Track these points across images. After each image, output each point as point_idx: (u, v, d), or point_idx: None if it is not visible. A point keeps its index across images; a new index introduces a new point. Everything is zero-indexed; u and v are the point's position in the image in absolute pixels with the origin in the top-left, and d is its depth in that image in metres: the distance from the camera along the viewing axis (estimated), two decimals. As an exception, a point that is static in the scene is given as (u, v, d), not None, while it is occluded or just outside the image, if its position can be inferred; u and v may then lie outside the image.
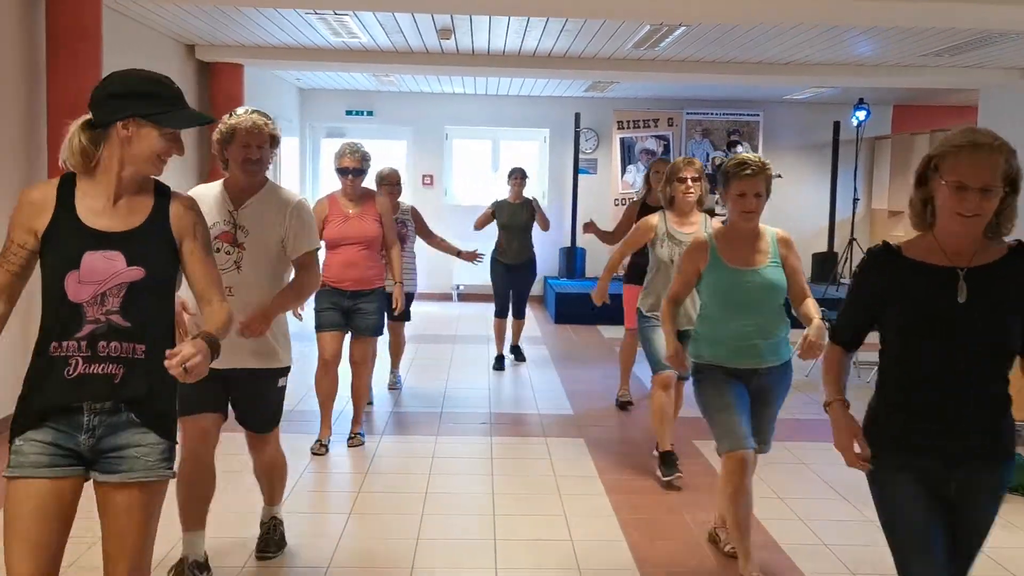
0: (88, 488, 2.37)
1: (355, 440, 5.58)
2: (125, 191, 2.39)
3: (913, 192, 2.43)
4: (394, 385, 7.23)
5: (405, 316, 6.93)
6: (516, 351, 8.53)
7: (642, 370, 7.32)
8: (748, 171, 3.58)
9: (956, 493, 2.42)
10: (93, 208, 2.35)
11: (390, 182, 6.72)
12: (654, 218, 5.16)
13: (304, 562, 3.90)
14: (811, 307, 3.68)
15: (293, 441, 5.61)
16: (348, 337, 5.52)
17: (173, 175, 8.00)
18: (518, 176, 8.14)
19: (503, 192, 8.30)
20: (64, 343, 2.30)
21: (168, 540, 3.66)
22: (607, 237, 7.08)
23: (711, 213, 5.37)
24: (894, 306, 2.42)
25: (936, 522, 2.41)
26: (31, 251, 2.35)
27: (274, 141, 3.59)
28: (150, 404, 2.35)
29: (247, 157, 3.49)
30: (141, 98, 2.33)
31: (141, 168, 2.37)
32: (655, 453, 5.17)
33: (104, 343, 2.29)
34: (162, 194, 2.46)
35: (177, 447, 2.48)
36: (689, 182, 5.02)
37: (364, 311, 5.39)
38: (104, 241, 2.32)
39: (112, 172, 2.36)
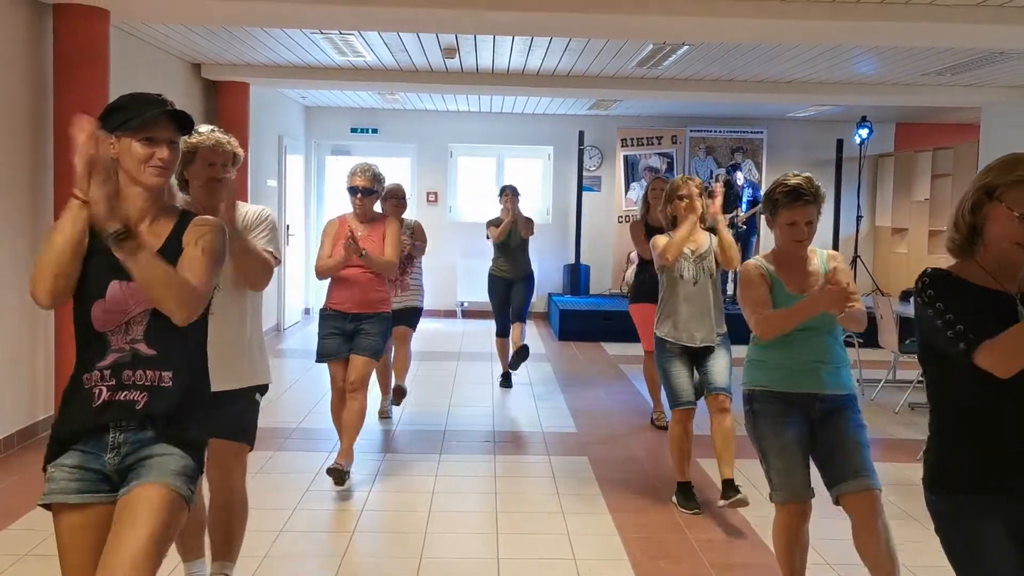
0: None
1: (336, 474, 5.01)
2: (143, 216, 2.39)
3: (962, 217, 2.36)
4: (402, 394, 6.97)
5: (412, 323, 6.90)
6: (520, 352, 8.30)
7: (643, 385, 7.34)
8: (801, 202, 3.36)
9: None
10: None
11: (395, 196, 6.70)
12: (661, 238, 5.04)
13: (307, 581, 3.91)
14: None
15: (295, 460, 5.64)
16: None
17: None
18: (509, 193, 8.03)
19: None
20: (89, 375, 2.33)
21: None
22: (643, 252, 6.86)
23: (712, 231, 5.36)
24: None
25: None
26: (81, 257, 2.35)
27: (235, 159, 3.38)
28: (175, 427, 2.36)
29: (212, 176, 3.27)
30: (115, 112, 2.37)
31: (139, 180, 2.34)
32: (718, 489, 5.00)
33: (129, 372, 2.32)
34: (184, 218, 2.47)
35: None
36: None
37: (365, 331, 5.20)
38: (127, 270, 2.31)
39: (125, 195, 2.37)
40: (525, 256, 8.11)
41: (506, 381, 8.17)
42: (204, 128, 3.34)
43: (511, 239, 8.01)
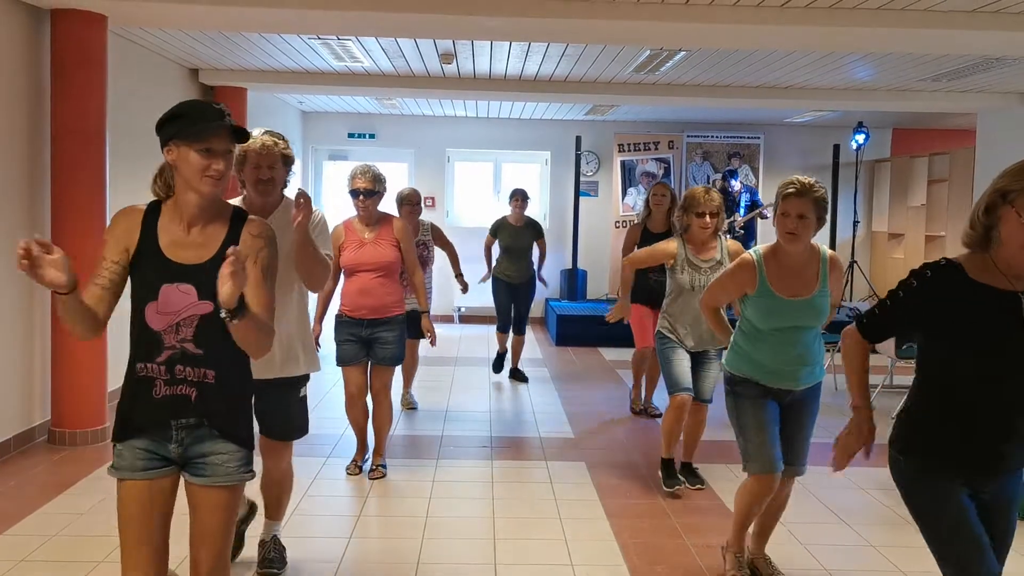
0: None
1: (377, 472, 5.45)
2: (198, 219, 2.53)
3: (978, 217, 2.48)
4: (410, 404, 7.28)
5: (420, 334, 6.97)
6: (517, 373, 8.57)
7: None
8: (790, 190, 3.55)
9: (991, 496, 2.53)
10: (172, 237, 2.52)
11: (410, 202, 6.76)
12: (673, 244, 5.13)
13: (304, 587, 3.91)
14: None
15: (296, 464, 5.61)
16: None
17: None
18: (519, 198, 8.21)
19: (503, 213, 8.38)
20: (148, 365, 2.50)
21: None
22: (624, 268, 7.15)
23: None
24: (953, 325, 2.45)
25: (983, 528, 2.51)
26: (122, 267, 2.54)
27: (287, 160, 3.67)
28: (227, 421, 2.57)
29: (259, 178, 3.58)
30: (175, 120, 2.47)
31: (194, 188, 2.47)
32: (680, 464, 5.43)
33: (180, 367, 2.50)
34: (236, 222, 2.58)
35: None
36: (707, 219, 4.99)
37: (383, 340, 5.22)
38: (179, 274, 2.48)
39: (180, 199, 2.52)
40: (529, 261, 8.30)
41: (499, 363, 8.43)
42: (257, 132, 3.68)
43: (515, 242, 8.15)
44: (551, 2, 5.89)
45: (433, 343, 5.68)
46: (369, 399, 5.44)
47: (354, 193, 5.16)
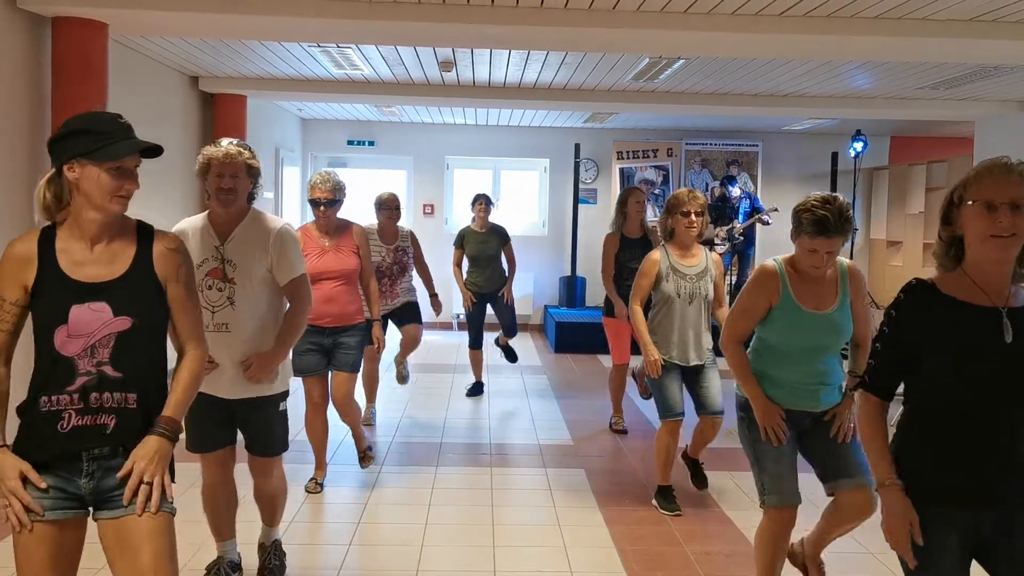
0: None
1: (366, 458, 5.52)
2: (101, 236, 2.38)
3: (939, 233, 2.38)
4: (368, 421, 6.90)
5: (416, 317, 6.96)
6: (508, 351, 8.48)
7: (636, 394, 7.36)
8: (823, 236, 3.24)
9: (991, 531, 2.34)
10: (74, 258, 2.35)
11: (389, 206, 6.68)
12: (655, 254, 5.06)
13: (304, 593, 3.91)
14: (862, 362, 3.46)
15: (290, 472, 5.62)
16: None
17: (165, 212, 8.10)
18: (483, 202, 7.94)
19: (503, 221, 8.22)
20: (56, 397, 2.32)
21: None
22: (606, 282, 6.96)
23: (709, 244, 5.38)
24: (936, 346, 2.32)
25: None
26: (23, 307, 2.38)
27: (251, 171, 3.56)
28: None
29: (220, 187, 3.47)
30: (79, 136, 2.31)
31: (101, 208, 2.33)
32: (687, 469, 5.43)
33: (96, 394, 2.32)
34: (145, 236, 2.46)
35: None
36: (693, 217, 4.94)
37: (345, 346, 5.17)
38: (89, 293, 2.32)
39: (81, 217, 2.35)
40: (499, 269, 8.03)
41: (477, 389, 8.26)
42: (224, 141, 3.57)
43: (481, 250, 7.95)
44: (550, 10, 5.92)
45: (379, 352, 5.56)
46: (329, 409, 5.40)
47: (314, 203, 5.06)
